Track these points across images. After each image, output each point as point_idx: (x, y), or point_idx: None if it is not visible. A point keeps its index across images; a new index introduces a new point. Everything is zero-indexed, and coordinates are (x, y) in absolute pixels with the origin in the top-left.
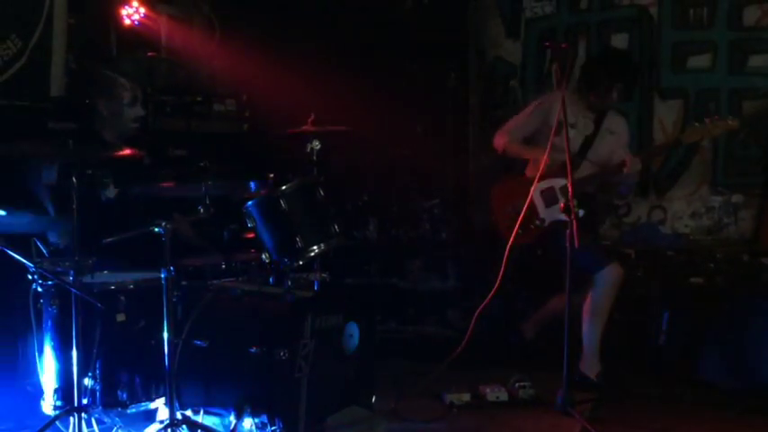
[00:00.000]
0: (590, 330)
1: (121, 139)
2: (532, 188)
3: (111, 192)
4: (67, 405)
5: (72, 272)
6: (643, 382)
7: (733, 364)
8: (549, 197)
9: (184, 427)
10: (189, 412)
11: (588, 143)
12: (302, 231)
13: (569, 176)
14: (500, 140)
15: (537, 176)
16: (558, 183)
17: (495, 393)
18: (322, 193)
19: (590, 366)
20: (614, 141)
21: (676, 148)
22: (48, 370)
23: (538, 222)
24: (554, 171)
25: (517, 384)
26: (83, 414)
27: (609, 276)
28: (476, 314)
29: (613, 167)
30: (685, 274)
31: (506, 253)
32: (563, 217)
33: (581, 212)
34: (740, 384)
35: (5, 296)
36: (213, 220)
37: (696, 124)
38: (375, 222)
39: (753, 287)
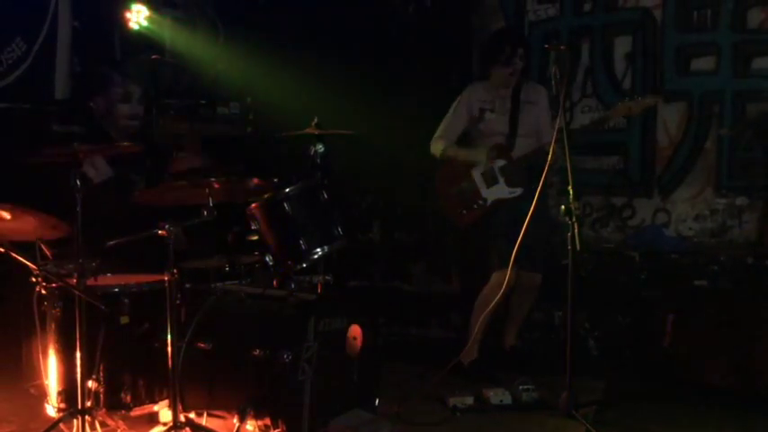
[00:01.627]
0: (474, 319)
1: (123, 138)
2: (474, 170)
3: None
4: (71, 407)
5: (76, 274)
6: (647, 384)
7: (738, 367)
8: (490, 177)
9: (188, 429)
10: (192, 415)
11: (514, 121)
12: (306, 234)
13: (570, 175)
14: (436, 146)
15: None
16: (498, 163)
17: (498, 397)
18: (325, 195)
19: (468, 353)
20: (536, 110)
21: (604, 127)
22: (51, 372)
23: (480, 202)
24: (492, 153)
25: (521, 387)
26: (86, 416)
27: (498, 279)
28: (481, 318)
29: (542, 152)
30: (689, 276)
31: (513, 257)
32: (504, 195)
33: (520, 191)
34: (745, 387)
35: (9, 298)
36: (217, 222)
37: (626, 100)
38: (378, 225)
39: (757, 289)
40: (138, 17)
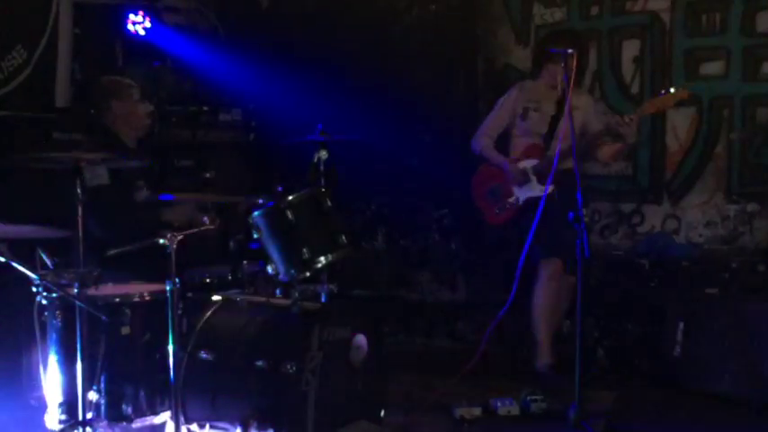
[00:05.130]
0: (538, 324)
1: (139, 137)
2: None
3: (143, 194)
4: (72, 419)
5: (76, 284)
6: (658, 393)
7: (750, 375)
8: (522, 177)
9: None
10: (194, 426)
11: (554, 123)
12: (309, 242)
13: (577, 176)
14: (479, 143)
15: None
16: (530, 163)
17: (506, 407)
18: (329, 203)
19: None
20: (581, 116)
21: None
22: (52, 383)
23: (512, 201)
24: (525, 153)
25: (529, 398)
26: (87, 428)
27: (547, 269)
28: (488, 330)
29: (599, 133)
30: (700, 284)
31: (519, 266)
32: (535, 194)
33: (551, 188)
34: (757, 395)
35: (9, 308)
36: (219, 230)
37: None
38: (383, 233)
39: None
40: (139, 24)
